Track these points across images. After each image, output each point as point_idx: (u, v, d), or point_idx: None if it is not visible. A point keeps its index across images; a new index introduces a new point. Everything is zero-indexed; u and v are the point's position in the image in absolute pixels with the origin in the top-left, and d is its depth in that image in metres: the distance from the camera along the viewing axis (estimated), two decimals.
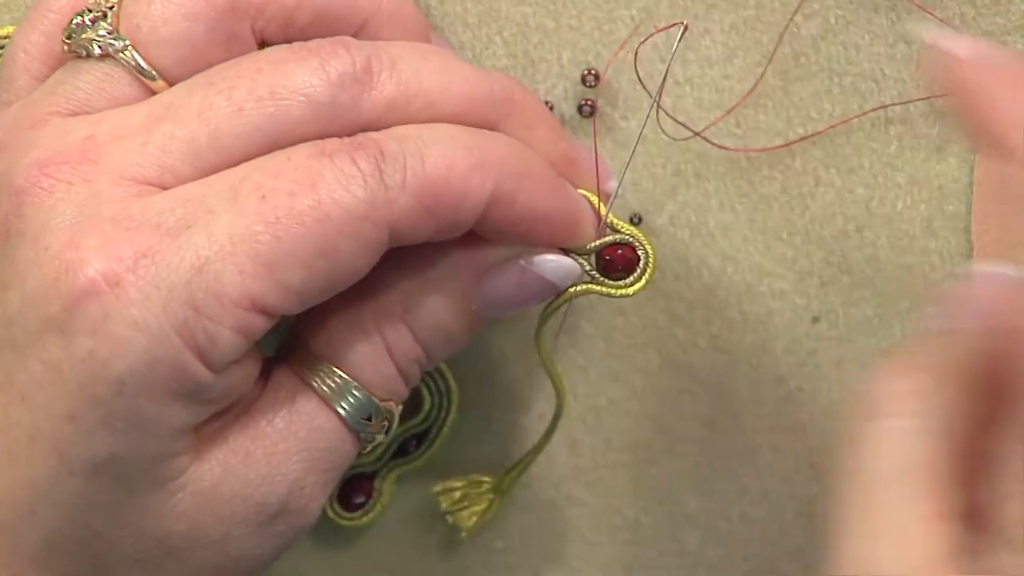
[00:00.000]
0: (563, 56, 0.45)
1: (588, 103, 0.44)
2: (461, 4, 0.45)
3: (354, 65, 0.37)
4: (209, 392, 0.36)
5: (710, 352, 0.46)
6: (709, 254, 0.45)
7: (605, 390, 0.46)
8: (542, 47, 0.45)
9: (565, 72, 0.45)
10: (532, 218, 0.38)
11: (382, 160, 0.36)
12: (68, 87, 0.38)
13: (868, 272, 0.45)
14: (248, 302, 0.35)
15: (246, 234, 0.35)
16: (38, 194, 0.36)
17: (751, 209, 0.45)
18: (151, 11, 0.37)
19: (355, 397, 0.38)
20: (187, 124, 0.36)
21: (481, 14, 0.45)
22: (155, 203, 0.35)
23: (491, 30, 0.45)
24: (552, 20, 0.45)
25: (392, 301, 0.39)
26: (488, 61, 0.45)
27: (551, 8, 0.45)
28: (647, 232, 0.45)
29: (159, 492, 0.36)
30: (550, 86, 0.45)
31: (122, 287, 0.34)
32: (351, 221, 0.35)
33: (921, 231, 0.45)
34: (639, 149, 0.45)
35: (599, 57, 0.45)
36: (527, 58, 0.45)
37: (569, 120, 0.45)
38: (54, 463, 0.36)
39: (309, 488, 0.38)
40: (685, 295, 0.45)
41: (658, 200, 0.45)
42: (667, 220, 0.45)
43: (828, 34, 0.44)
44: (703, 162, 0.45)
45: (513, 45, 0.45)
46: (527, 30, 0.45)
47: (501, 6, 0.45)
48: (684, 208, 0.45)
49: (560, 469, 0.47)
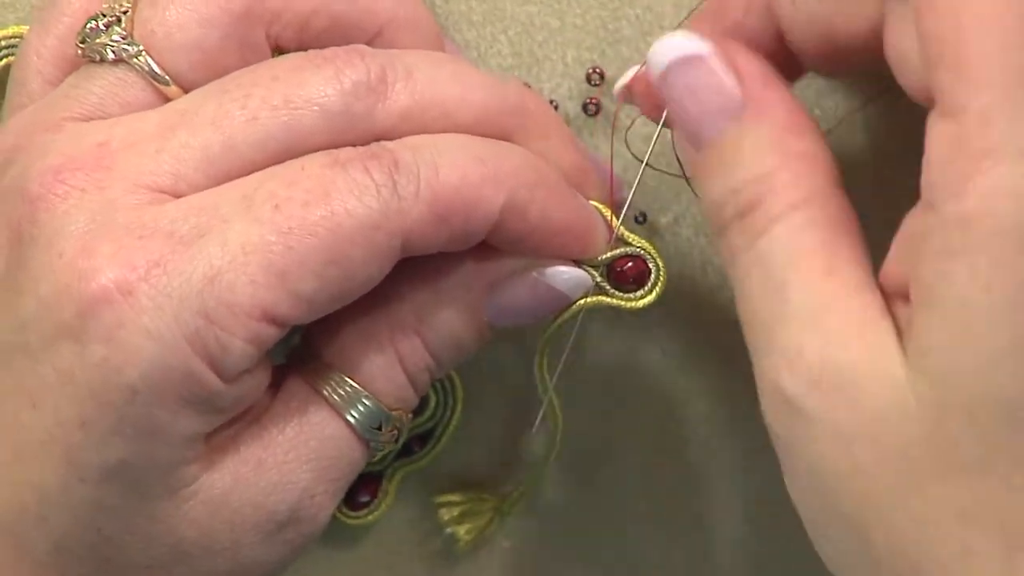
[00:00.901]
0: (568, 55, 0.45)
1: (592, 102, 0.44)
2: (466, 3, 0.45)
3: (369, 75, 0.37)
4: (220, 401, 0.36)
5: (712, 352, 0.46)
6: (713, 253, 0.45)
7: (607, 390, 0.46)
8: (547, 46, 0.45)
9: (570, 71, 0.45)
10: (544, 230, 0.38)
11: (396, 170, 0.36)
12: (82, 91, 0.38)
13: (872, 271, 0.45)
14: (260, 312, 0.35)
15: (259, 244, 0.35)
16: (52, 200, 0.36)
17: None
18: (166, 17, 0.37)
19: (365, 406, 0.39)
20: (201, 132, 0.36)
21: (486, 13, 0.45)
22: (168, 211, 0.36)
23: (496, 29, 0.45)
24: (557, 19, 0.45)
25: (405, 312, 0.39)
26: (493, 60, 0.45)
27: (556, 7, 0.45)
28: (651, 231, 0.45)
29: (170, 499, 0.37)
30: (555, 85, 0.45)
31: (135, 296, 0.34)
32: (363, 231, 0.35)
33: None
34: (643, 148, 0.45)
35: (604, 56, 0.45)
36: (532, 57, 0.45)
37: (574, 119, 0.45)
38: (64, 469, 0.36)
39: (319, 496, 0.39)
40: (688, 294, 0.45)
41: (663, 199, 0.45)
42: (671, 219, 0.45)
43: None
44: None
45: (518, 44, 0.45)
46: (532, 29, 0.45)
47: (506, 5, 0.45)
48: (689, 207, 0.45)
49: (562, 469, 0.47)
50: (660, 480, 0.46)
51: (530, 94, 0.40)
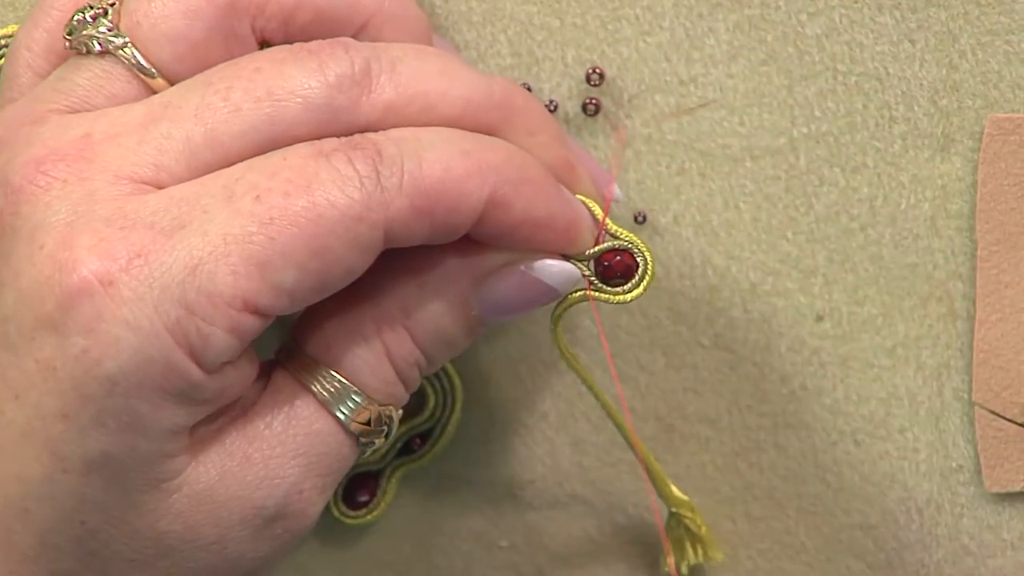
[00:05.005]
0: (567, 55, 0.45)
1: (592, 101, 0.44)
2: (465, 2, 0.45)
3: (352, 67, 0.37)
4: (202, 392, 0.36)
5: (714, 351, 0.46)
6: (713, 253, 0.45)
7: (609, 389, 0.46)
8: (546, 45, 0.45)
9: (569, 71, 0.45)
10: (530, 224, 0.38)
11: (379, 161, 0.36)
12: (68, 84, 0.38)
13: (872, 271, 0.45)
14: (241, 302, 0.35)
15: (240, 235, 0.35)
16: (34, 191, 0.36)
17: (755, 208, 0.45)
18: (151, 8, 0.38)
19: (354, 401, 0.38)
20: (183, 123, 0.36)
21: (485, 12, 0.45)
22: (149, 202, 0.36)
23: (495, 28, 0.45)
24: (556, 18, 0.45)
25: (392, 305, 0.39)
26: (492, 60, 0.45)
27: (555, 6, 0.45)
28: (651, 230, 0.45)
29: (154, 492, 0.37)
30: (554, 84, 0.45)
31: (115, 287, 0.35)
32: (345, 222, 0.35)
33: (925, 230, 0.45)
34: (643, 148, 0.45)
35: (603, 55, 0.45)
36: (531, 56, 0.45)
37: (573, 119, 0.45)
38: (47, 460, 0.36)
39: (307, 492, 0.38)
40: (689, 294, 0.45)
41: (662, 199, 0.45)
42: (671, 219, 0.45)
43: (832, 33, 0.44)
44: (707, 161, 0.45)
45: (517, 43, 0.45)
46: (531, 28, 0.45)
47: (505, 5, 0.45)
48: (688, 207, 0.45)
49: (564, 467, 0.47)
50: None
51: (517, 89, 0.39)
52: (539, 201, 0.38)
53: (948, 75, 0.44)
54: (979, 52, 0.44)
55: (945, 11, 0.44)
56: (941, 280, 0.45)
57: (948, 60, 0.44)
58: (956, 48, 0.44)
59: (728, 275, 0.45)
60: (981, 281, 0.45)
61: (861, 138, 0.45)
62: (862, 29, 0.44)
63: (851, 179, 0.45)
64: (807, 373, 0.46)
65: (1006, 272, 0.44)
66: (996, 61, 0.44)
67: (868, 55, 0.44)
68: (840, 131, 0.45)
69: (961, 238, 0.45)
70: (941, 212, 0.45)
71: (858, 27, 0.44)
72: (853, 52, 0.44)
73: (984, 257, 0.44)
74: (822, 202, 0.45)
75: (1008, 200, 0.44)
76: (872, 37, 0.44)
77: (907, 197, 0.45)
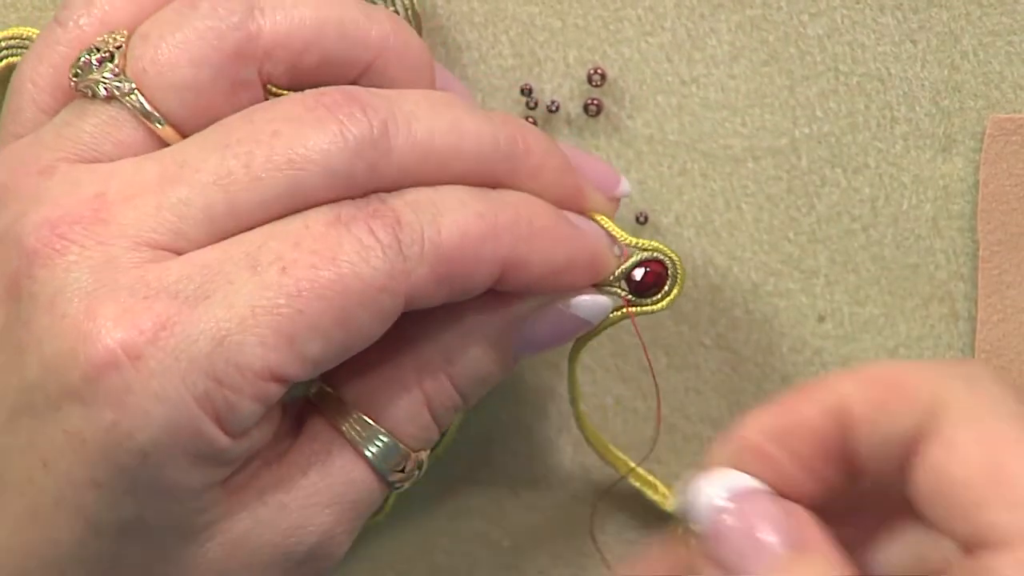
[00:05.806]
0: (569, 55, 0.45)
1: (594, 102, 0.45)
2: (467, 3, 0.45)
3: (372, 131, 0.36)
4: (228, 455, 0.36)
5: (716, 351, 0.46)
6: (715, 253, 0.45)
7: (611, 389, 0.46)
8: (548, 46, 0.45)
9: (571, 71, 0.45)
10: (552, 273, 0.38)
11: (399, 230, 0.36)
12: (74, 130, 0.37)
13: (874, 271, 0.45)
14: (269, 373, 0.35)
15: (269, 307, 0.35)
16: (51, 256, 0.35)
17: (757, 208, 0.45)
18: (157, 55, 0.37)
19: (389, 449, 0.38)
20: (204, 191, 0.36)
21: (487, 13, 0.45)
22: (172, 270, 0.35)
23: (497, 29, 0.45)
24: (558, 19, 0.45)
25: (434, 353, 0.39)
26: (494, 60, 0.45)
27: (557, 7, 0.45)
28: (653, 231, 0.45)
29: (189, 545, 0.37)
30: (556, 85, 0.45)
31: (143, 360, 0.34)
32: (370, 292, 0.35)
33: (927, 230, 0.45)
34: (645, 148, 0.45)
35: (605, 56, 0.45)
36: (533, 57, 0.45)
37: (575, 119, 0.45)
38: (80, 527, 0.36)
39: (339, 537, 0.39)
40: (691, 294, 0.45)
41: (664, 199, 0.45)
42: (673, 219, 0.45)
43: (834, 33, 0.44)
44: (709, 162, 0.45)
45: (519, 44, 0.45)
46: (533, 29, 0.45)
47: (507, 5, 0.45)
48: (690, 207, 0.45)
49: (566, 468, 0.47)
50: (665, 478, 0.46)
51: (519, 130, 0.39)
52: (557, 249, 0.38)
53: (950, 76, 0.44)
54: (981, 53, 0.44)
55: (947, 12, 0.44)
56: (943, 281, 0.45)
57: (950, 61, 0.44)
58: (958, 49, 0.44)
59: (730, 275, 0.45)
60: (983, 282, 0.45)
61: (863, 139, 0.45)
62: (864, 30, 0.44)
63: (853, 180, 0.45)
64: (809, 373, 0.46)
65: (1008, 272, 0.44)
66: (998, 62, 0.44)
67: (870, 56, 0.44)
68: (842, 132, 0.45)
69: (963, 239, 0.45)
70: (943, 213, 0.45)
71: (860, 28, 0.44)
72: (855, 53, 0.44)
73: (986, 258, 0.44)
74: (824, 203, 0.45)
75: (1010, 200, 0.44)
76: (874, 38, 0.44)
77: (909, 198, 0.45)
